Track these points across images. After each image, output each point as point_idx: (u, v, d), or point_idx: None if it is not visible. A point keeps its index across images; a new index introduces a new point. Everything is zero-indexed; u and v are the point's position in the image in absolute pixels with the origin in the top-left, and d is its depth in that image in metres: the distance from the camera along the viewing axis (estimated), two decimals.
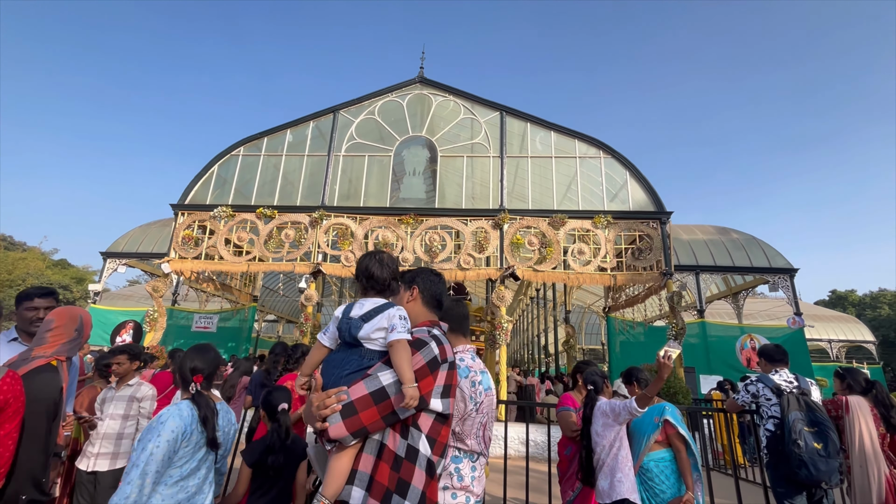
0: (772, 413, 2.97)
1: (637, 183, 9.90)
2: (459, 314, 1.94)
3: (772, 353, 3.39)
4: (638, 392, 3.23)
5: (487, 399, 1.79)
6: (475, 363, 1.82)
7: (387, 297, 1.66)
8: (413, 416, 1.44)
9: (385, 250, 1.90)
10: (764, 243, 13.88)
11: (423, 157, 10.47)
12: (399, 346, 1.46)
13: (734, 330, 12.93)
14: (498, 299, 9.12)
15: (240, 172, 10.70)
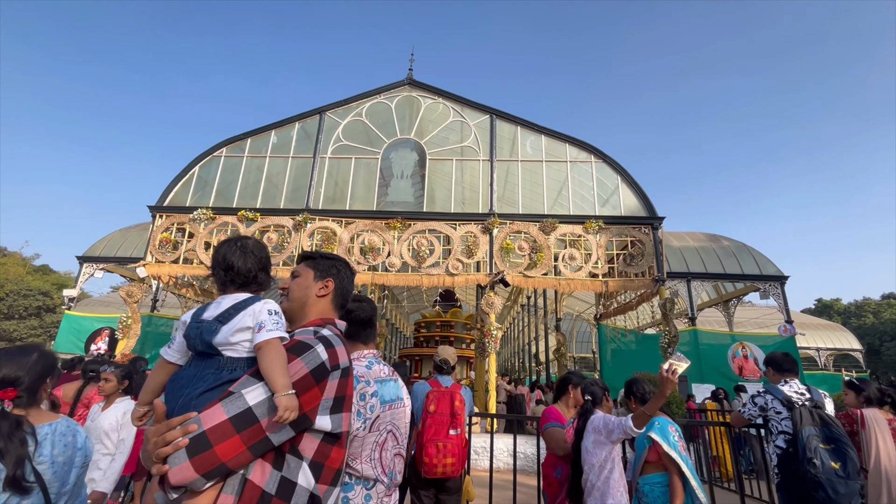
0: (782, 428, 2.71)
1: (628, 188, 9.76)
2: (362, 318, 1.67)
3: (780, 361, 3.09)
4: (636, 408, 2.96)
5: (390, 413, 1.51)
6: (371, 371, 1.54)
7: (253, 293, 1.34)
8: (292, 440, 1.12)
9: (251, 237, 1.49)
10: (754, 251, 13.84)
11: (411, 160, 10.24)
12: (269, 347, 1.14)
13: (726, 338, 12.80)
14: (487, 306, 8.86)
15: (222, 174, 10.35)
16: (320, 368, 1.16)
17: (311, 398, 1.13)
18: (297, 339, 1.21)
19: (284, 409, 1.04)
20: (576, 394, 3.01)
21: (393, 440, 1.51)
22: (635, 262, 9.15)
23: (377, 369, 1.57)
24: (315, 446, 1.15)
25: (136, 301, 9.34)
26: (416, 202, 10.15)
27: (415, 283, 9.22)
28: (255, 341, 1.16)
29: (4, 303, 36.71)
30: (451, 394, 2.92)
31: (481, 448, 7.82)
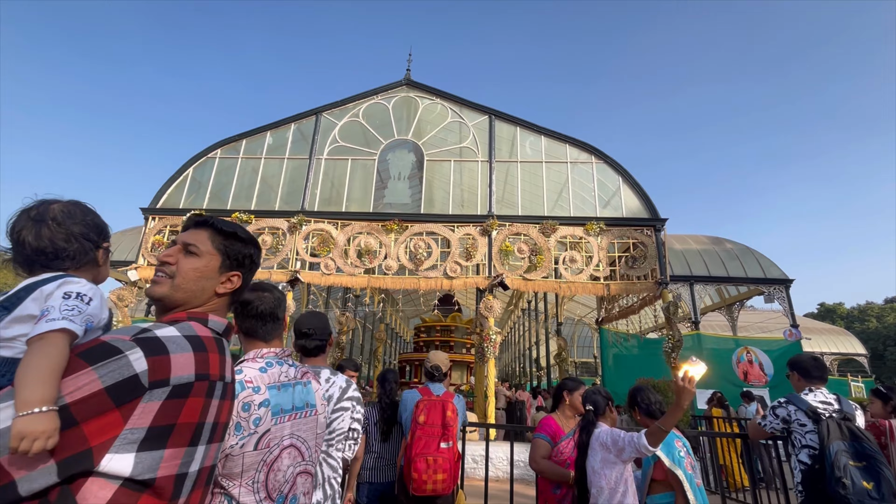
0: (807, 442, 2.45)
1: (630, 189, 9.56)
2: (262, 311, 1.39)
3: (808, 367, 2.75)
4: (641, 420, 2.74)
5: (290, 425, 1.26)
6: (266, 375, 1.27)
7: (65, 271, 1.02)
8: (62, 487, 0.75)
9: (61, 200, 1.07)
10: (758, 253, 13.62)
11: (408, 161, 10.06)
12: (39, 343, 0.83)
13: (730, 342, 12.55)
14: (486, 309, 8.64)
15: (216, 176, 10.18)
16: (126, 385, 0.80)
17: (104, 427, 0.77)
18: (100, 339, 0.85)
19: (18, 438, 0.71)
20: (573, 400, 2.77)
21: (294, 456, 1.25)
22: (637, 265, 8.94)
23: (275, 372, 1.31)
24: (107, 498, 0.77)
25: (128, 305, 9.14)
26: (413, 204, 9.96)
27: (412, 286, 9.02)
28: (30, 335, 0.85)
29: None
30: (443, 403, 2.70)
31: (479, 457, 7.57)
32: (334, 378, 1.95)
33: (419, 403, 2.72)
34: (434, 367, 2.87)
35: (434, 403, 2.69)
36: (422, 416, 2.65)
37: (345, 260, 9.17)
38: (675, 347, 8.29)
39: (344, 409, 1.89)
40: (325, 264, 9.14)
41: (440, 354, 2.94)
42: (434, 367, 2.87)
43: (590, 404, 2.51)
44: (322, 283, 9.18)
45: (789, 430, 2.57)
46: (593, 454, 2.30)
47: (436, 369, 2.87)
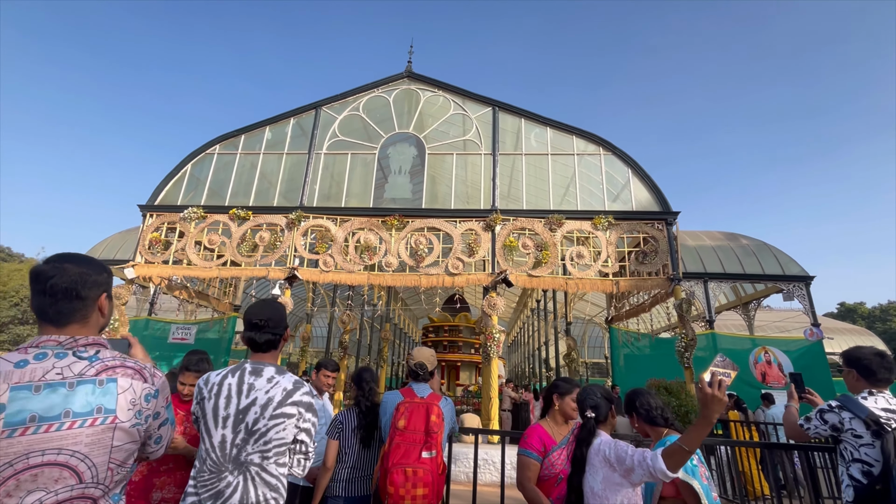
0: (861, 456, 2.02)
1: (640, 181, 9.15)
2: (50, 287, 1.11)
3: (871, 363, 2.24)
4: (639, 427, 2.38)
5: (42, 438, 0.98)
6: (21, 371, 1.01)
7: None
8: None
9: None
10: (776, 249, 13.06)
11: (409, 155, 9.77)
12: None
13: (746, 342, 12.03)
14: (489, 307, 8.31)
15: (214, 172, 10.00)
16: None
17: None
18: None
19: None
20: (564, 405, 2.36)
21: (55, 479, 0.97)
22: (648, 261, 8.53)
23: (42, 368, 1.03)
24: None
25: (124, 303, 8.99)
26: (414, 199, 9.67)
27: (412, 283, 8.73)
28: None
29: (19, 308, 37.23)
30: (427, 406, 2.37)
31: (482, 460, 7.24)
32: (279, 378, 1.65)
33: (400, 406, 2.40)
34: (418, 365, 2.55)
35: (417, 406, 2.38)
36: (402, 421, 2.34)
37: (344, 256, 8.92)
38: (688, 347, 7.87)
39: (286, 415, 1.59)
40: (324, 261, 8.89)
41: (425, 351, 2.62)
42: (418, 364, 2.55)
43: (589, 408, 2.13)
44: (320, 281, 8.93)
45: (839, 438, 2.15)
46: (593, 472, 1.93)
47: (420, 367, 2.55)
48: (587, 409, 2.12)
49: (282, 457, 1.55)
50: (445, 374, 25.13)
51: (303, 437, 1.62)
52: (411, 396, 2.45)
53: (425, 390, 2.50)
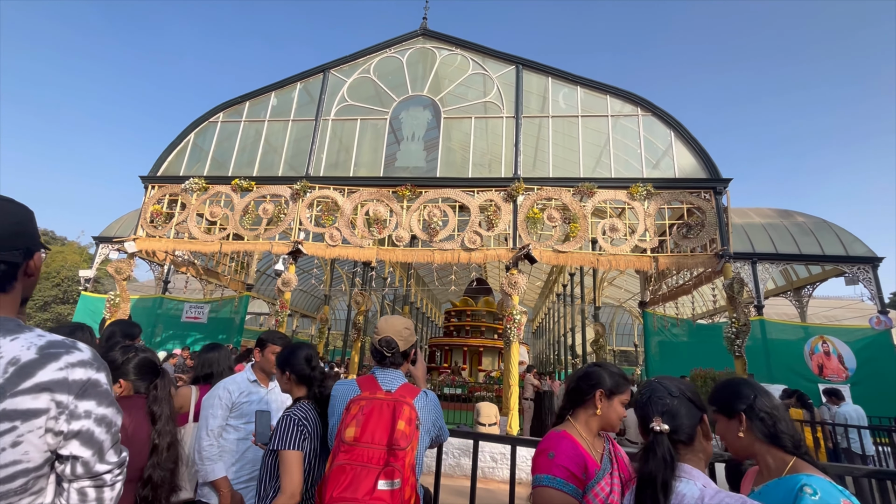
0: None
1: (684, 145, 8.01)
2: None
3: None
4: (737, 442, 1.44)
5: None
6: None
7: None
8: None
9: None
10: (837, 227, 11.59)
11: (423, 120, 8.91)
12: None
13: (801, 331, 10.76)
14: (510, 286, 7.46)
15: (218, 141, 9.44)
16: None
17: None
18: None
19: None
20: (608, 410, 1.48)
21: None
22: (693, 235, 7.46)
23: None
24: None
25: (126, 278, 8.61)
26: (428, 167, 8.85)
27: (425, 259, 7.96)
28: None
29: (60, 288, 38.96)
30: (394, 406, 1.56)
31: (500, 455, 6.50)
32: (4, 342, 0.81)
33: (351, 405, 1.59)
34: (384, 343, 1.72)
35: (377, 407, 1.56)
36: (351, 429, 1.50)
37: (351, 230, 8.22)
38: (739, 333, 6.82)
39: (20, 414, 0.76)
40: (330, 234, 8.22)
41: (395, 321, 1.78)
42: (384, 341, 1.72)
43: (658, 416, 1.25)
44: (326, 256, 8.28)
45: None
46: None
47: (387, 346, 1.71)
48: (654, 416, 1.26)
49: (20, 498, 0.77)
50: (468, 360, 24.57)
51: (77, 450, 0.83)
52: (372, 390, 1.63)
53: (394, 380, 1.67)
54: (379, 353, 1.70)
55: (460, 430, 7.19)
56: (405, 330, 1.74)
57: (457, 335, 25.45)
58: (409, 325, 1.77)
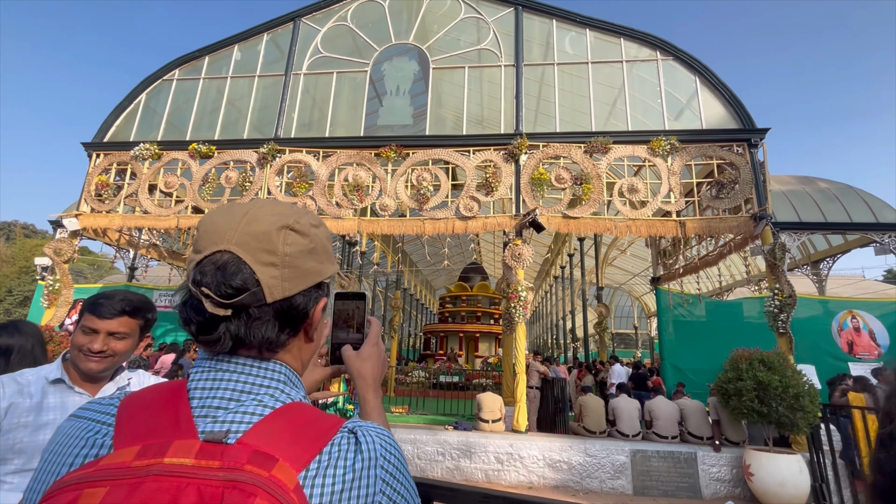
0: None
1: (711, 93, 6.94)
2: None
3: None
4: None
5: None
6: None
7: None
8: None
9: None
10: (865, 193, 10.60)
11: (409, 72, 7.74)
12: None
13: (829, 305, 9.87)
14: (513, 258, 6.40)
15: (174, 101, 8.19)
16: None
17: None
18: None
19: None
20: None
21: None
22: (725, 194, 6.43)
23: None
24: None
25: (67, 260, 7.44)
26: (416, 125, 7.70)
27: (415, 230, 6.86)
28: None
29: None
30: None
31: (505, 455, 5.51)
32: None
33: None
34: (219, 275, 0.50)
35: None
36: None
37: (328, 199, 7.09)
38: (784, 306, 5.84)
39: None
40: (304, 204, 7.07)
41: (264, 207, 0.57)
42: (215, 268, 0.50)
43: None
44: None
45: None
46: None
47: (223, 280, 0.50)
48: None
49: None
50: (464, 346, 23.71)
51: None
52: (155, 441, 0.45)
53: (246, 406, 0.49)
54: (193, 315, 0.56)
55: (461, 425, 6.22)
56: (292, 234, 0.55)
57: (452, 321, 24.56)
58: (306, 222, 0.56)
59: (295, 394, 0.54)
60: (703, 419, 5.64)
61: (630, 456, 5.36)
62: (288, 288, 0.53)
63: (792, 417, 4.75)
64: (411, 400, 11.63)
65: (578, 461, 5.41)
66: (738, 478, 5.22)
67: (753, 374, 4.94)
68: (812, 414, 4.81)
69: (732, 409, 5.13)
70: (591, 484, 5.32)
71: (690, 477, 5.24)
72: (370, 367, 0.74)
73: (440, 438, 5.64)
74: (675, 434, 5.63)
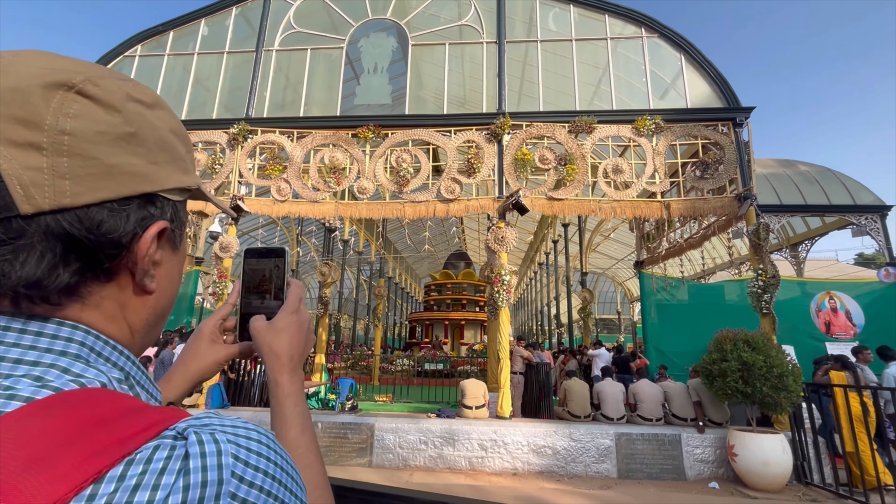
0: None
1: (696, 71, 6.81)
2: None
3: None
4: None
5: None
6: None
7: None
8: None
9: None
10: (843, 175, 10.74)
11: (387, 48, 7.41)
12: None
13: (807, 287, 10.01)
14: (497, 241, 6.22)
15: (136, 79, 7.68)
16: None
17: None
18: None
19: None
20: None
21: None
22: (710, 174, 6.34)
23: None
24: None
25: None
26: (394, 104, 7.41)
27: (395, 213, 6.62)
28: None
29: None
30: None
31: (490, 441, 5.38)
32: None
33: None
34: None
35: None
36: None
37: (303, 181, 6.78)
38: (767, 287, 5.81)
39: None
40: (278, 188, 6.76)
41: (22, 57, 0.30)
42: None
43: None
44: (273, 213, 6.84)
45: None
46: None
47: None
48: None
49: None
50: (449, 334, 23.66)
51: None
52: None
53: None
54: None
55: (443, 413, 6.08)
56: (80, 101, 0.32)
57: (437, 309, 24.49)
58: (114, 87, 0.35)
59: (95, 375, 0.32)
60: (687, 401, 5.61)
61: (615, 439, 5.30)
62: (70, 192, 0.31)
63: (776, 397, 4.73)
64: (395, 388, 11.50)
65: (563, 446, 5.33)
66: (722, 458, 5.21)
67: (738, 355, 4.90)
68: (795, 393, 4.79)
69: (717, 391, 5.09)
70: (576, 468, 5.25)
71: (675, 459, 5.21)
72: (286, 341, 0.53)
73: (422, 427, 5.48)
74: (660, 416, 5.59)
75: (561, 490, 4.71)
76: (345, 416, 5.75)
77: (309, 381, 9.89)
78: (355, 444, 5.45)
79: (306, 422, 0.50)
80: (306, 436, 0.49)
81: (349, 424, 5.54)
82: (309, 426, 0.51)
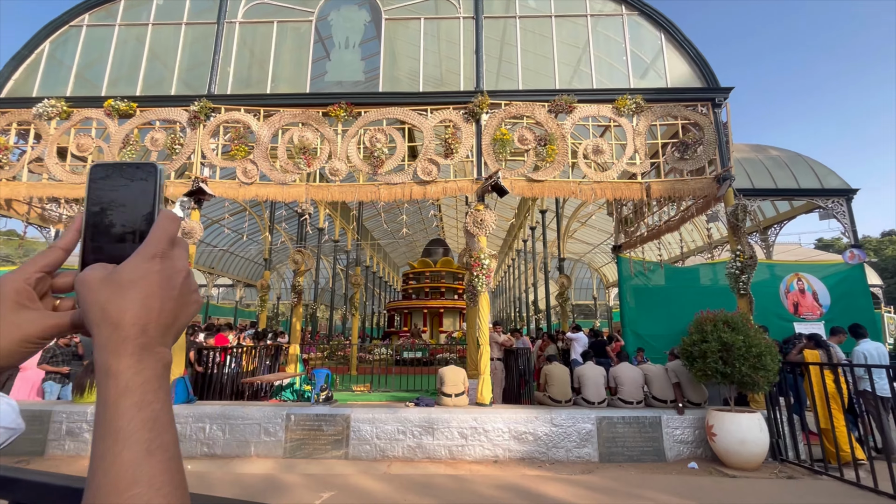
0: None
1: (676, 50, 6.71)
2: None
3: None
4: None
5: None
6: None
7: None
8: None
9: None
10: (812, 160, 11.01)
11: (360, 22, 7.02)
12: None
13: (776, 269, 10.23)
14: (475, 224, 6.03)
15: (84, 51, 7.09)
16: None
17: None
18: None
19: None
20: None
21: None
22: (689, 155, 6.28)
23: None
24: None
25: None
26: (368, 81, 7.06)
27: (369, 196, 6.32)
28: None
29: None
30: None
31: (470, 429, 5.25)
32: None
33: None
34: None
35: None
36: None
37: (272, 163, 6.39)
38: (745, 268, 5.82)
39: None
40: (244, 169, 6.35)
41: None
42: None
43: None
44: (238, 197, 6.44)
45: None
46: None
47: None
48: None
49: None
50: (429, 322, 23.53)
51: None
52: None
53: None
54: None
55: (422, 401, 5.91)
56: None
57: (416, 297, 24.30)
58: None
59: None
60: (667, 383, 5.60)
61: (596, 423, 5.24)
62: None
63: (754, 377, 4.74)
64: (373, 377, 11.29)
65: (544, 432, 5.24)
66: (701, 439, 5.23)
67: (718, 336, 4.89)
68: (773, 372, 4.82)
69: (697, 372, 5.08)
70: (558, 454, 5.17)
71: (655, 441, 5.19)
72: (136, 301, 0.31)
73: (401, 416, 5.30)
74: (640, 399, 5.57)
75: (543, 477, 4.62)
76: (319, 407, 5.50)
77: (282, 371, 9.57)
78: (330, 437, 5.23)
79: (158, 436, 0.28)
80: (154, 460, 0.27)
81: (324, 416, 5.30)
82: (164, 443, 0.28)
